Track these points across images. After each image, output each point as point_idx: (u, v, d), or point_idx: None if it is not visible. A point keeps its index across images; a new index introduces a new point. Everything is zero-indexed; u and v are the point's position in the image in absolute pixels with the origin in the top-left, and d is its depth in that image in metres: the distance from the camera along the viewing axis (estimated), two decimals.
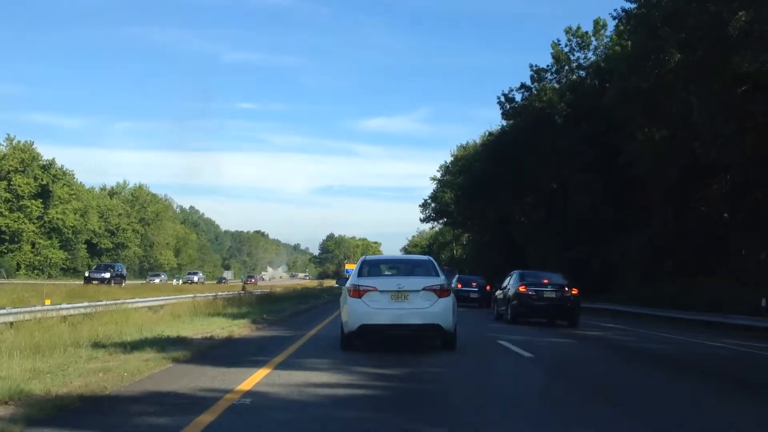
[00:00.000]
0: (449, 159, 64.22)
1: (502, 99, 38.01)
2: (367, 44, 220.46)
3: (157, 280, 71.18)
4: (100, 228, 74.80)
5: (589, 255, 33.86)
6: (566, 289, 17.03)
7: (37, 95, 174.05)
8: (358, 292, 9.39)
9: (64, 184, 66.34)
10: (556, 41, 35.28)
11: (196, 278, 73.37)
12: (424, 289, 9.38)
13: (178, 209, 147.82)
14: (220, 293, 30.05)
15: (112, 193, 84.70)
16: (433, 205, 71.42)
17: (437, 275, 9.84)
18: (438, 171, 67.93)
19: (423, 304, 9.30)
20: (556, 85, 35.33)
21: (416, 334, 10.28)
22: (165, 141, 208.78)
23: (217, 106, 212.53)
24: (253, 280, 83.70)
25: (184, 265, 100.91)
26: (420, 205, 73.84)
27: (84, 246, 72.89)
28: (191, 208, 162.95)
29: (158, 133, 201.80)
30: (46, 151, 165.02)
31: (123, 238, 79.07)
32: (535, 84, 36.17)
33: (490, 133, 39.93)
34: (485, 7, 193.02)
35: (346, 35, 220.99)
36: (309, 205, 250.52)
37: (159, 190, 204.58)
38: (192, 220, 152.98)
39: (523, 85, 36.86)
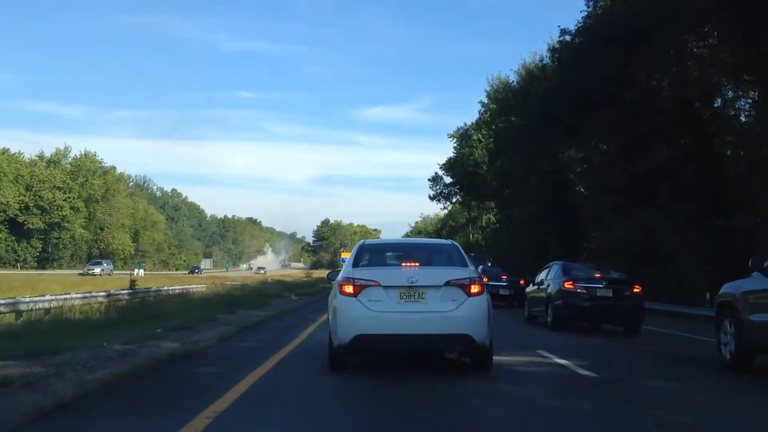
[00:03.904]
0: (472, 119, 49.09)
1: None
2: (369, 33, 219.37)
3: (97, 270, 57.96)
4: (22, 203, 58.95)
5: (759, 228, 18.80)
6: (625, 285, 13.55)
7: (34, 84, 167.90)
8: (352, 288, 6.80)
9: None
10: None
11: None
12: (447, 284, 6.80)
13: (158, 192, 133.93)
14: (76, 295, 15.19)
15: (52, 162, 68.62)
16: (444, 179, 56.07)
17: (465, 265, 7.25)
18: (456, 130, 52.46)
19: (446, 306, 6.73)
20: None
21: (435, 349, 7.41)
22: (162, 130, 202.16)
23: (216, 95, 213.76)
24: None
25: (146, 252, 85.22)
26: (429, 179, 58.42)
27: (5, 227, 57.29)
28: (173, 191, 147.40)
29: (155, 122, 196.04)
30: (42, 141, 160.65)
31: (58, 217, 63.15)
32: None
33: (566, 31, 24.22)
34: None
35: (347, 24, 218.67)
36: (308, 195, 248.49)
37: (157, 179, 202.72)
38: (172, 203, 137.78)
39: None
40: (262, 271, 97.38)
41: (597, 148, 28.49)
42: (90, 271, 56.46)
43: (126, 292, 18.54)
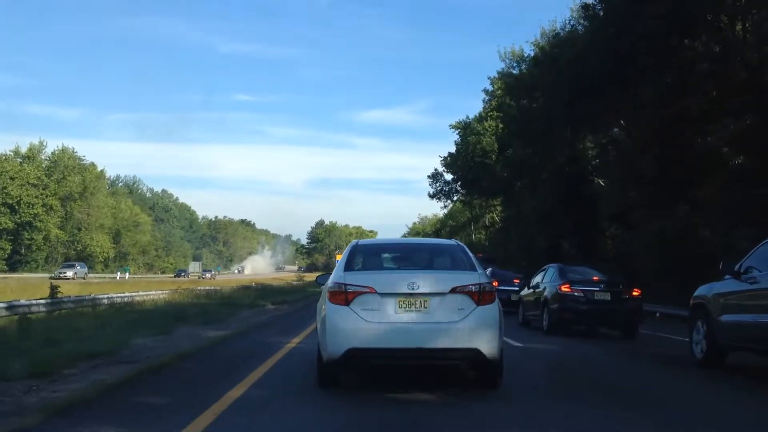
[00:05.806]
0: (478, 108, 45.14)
1: None
2: (366, 36, 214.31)
3: (70, 273, 54.33)
4: None
5: None
6: (623, 289, 13.36)
7: (31, 87, 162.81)
8: (344, 296, 6.03)
9: None
10: None
11: None
12: (452, 290, 6.04)
13: (148, 193, 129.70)
14: None
15: (27, 158, 64.20)
16: (445, 176, 52.11)
17: (472, 269, 6.40)
18: (459, 122, 48.47)
19: (451, 316, 5.98)
20: None
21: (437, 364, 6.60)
22: (160, 133, 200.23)
23: (214, 98, 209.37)
24: None
25: (130, 255, 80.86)
26: (429, 176, 54.54)
27: None
28: (164, 191, 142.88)
29: (153, 125, 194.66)
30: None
31: (29, 216, 58.81)
32: None
33: None
34: None
35: (345, 27, 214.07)
36: (304, 197, 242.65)
37: (153, 182, 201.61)
38: (162, 204, 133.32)
39: None
40: (208, 275, 79.53)
41: (627, 130, 24.47)
42: (62, 275, 52.31)
43: (43, 302, 14.39)
